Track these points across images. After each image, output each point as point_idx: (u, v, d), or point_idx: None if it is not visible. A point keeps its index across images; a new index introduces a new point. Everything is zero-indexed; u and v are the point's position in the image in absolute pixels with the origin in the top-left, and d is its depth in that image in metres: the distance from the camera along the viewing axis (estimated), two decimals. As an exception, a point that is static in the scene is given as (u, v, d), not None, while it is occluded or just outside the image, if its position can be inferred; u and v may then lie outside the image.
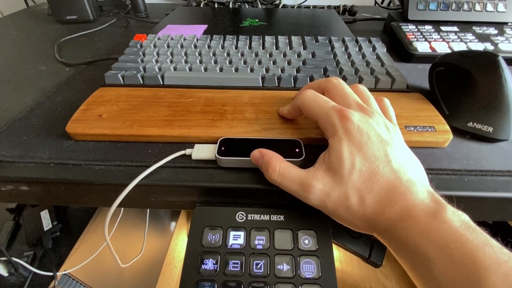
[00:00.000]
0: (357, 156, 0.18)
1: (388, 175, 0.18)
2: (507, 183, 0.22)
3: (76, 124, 0.25)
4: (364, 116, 0.19)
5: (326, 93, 0.23)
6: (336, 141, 0.19)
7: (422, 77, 0.34)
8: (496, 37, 0.41)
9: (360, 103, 0.21)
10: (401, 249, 0.17)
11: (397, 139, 0.19)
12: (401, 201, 0.17)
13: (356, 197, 0.18)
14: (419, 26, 0.44)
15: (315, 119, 0.21)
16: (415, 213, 0.16)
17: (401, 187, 0.17)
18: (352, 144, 0.18)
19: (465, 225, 0.15)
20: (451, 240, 0.15)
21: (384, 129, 0.19)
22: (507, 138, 0.25)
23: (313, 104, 0.21)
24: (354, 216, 0.18)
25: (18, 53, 0.44)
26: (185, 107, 0.27)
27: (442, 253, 0.15)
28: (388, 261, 0.86)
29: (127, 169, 0.23)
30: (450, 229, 0.15)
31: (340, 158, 0.18)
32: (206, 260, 0.20)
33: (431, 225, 0.15)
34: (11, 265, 0.39)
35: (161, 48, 0.36)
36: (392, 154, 0.18)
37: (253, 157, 0.22)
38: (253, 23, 0.50)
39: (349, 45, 0.37)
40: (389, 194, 0.17)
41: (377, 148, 0.18)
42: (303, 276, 0.19)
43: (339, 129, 0.19)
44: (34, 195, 0.24)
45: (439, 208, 0.16)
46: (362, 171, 0.18)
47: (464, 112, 0.26)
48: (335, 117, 0.19)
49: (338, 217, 0.19)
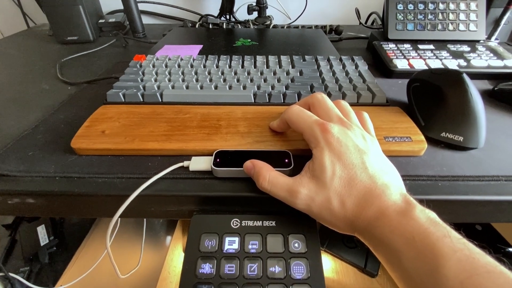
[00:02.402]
0: (337, 164, 0.20)
1: (365, 180, 0.20)
2: (477, 187, 0.24)
3: (81, 140, 0.27)
4: (343, 128, 0.22)
5: (311, 108, 0.25)
6: (319, 151, 0.21)
7: (401, 91, 0.37)
8: (468, 54, 0.44)
9: (341, 117, 0.23)
10: (378, 246, 0.19)
11: (374, 149, 0.22)
12: (376, 203, 0.19)
13: (337, 201, 0.20)
14: (399, 44, 0.47)
15: (300, 131, 0.23)
16: (388, 213, 0.18)
17: (377, 190, 0.19)
18: (333, 153, 0.20)
19: (430, 221, 0.17)
20: (416, 234, 0.17)
21: (361, 140, 0.22)
22: (477, 146, 0.27)
23: (298, 118, 0.24)
24: (336, 218, 0.20)
25: (21, 72, 0.46)
26: (182, 123, 0.29)
27: (409, 246, 0.17)
28: (383, 270, 0.86)
29: (128, 181, 0.24)
30: (416, 224, 0.17)
31: (322, 166, 0.20)
32: (203, 264, 0.21)
33: (402, 223, 0.17)
34: (7, 281, 0.39)
35: (159, 68, 0.39)
36: (368, 161, 0.20)
37: (246, 167, 0.24)
38: (246, 43, 0.53)
39: (334, 63, 0.40)
40: (366, 196, 0.19)
41: (355, 156, 0.20)
42: (293, 277, 0.20)
43: (321, 140, 0.21)
44: (40, 208, 0.25)
45: (409, 207, 0.18)
46: (342, 177, 0.20)
47: (438, 123, 0.29)
48: (317, 130, 0.22)
49: (322, 220, 0.21)
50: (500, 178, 0.25)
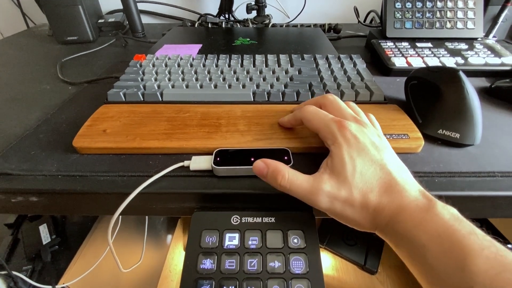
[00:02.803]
0: (357, 160, 0.20)
1: (385, 176, 0.20)
2: (473, 183, 0.25)
3: (82, 139, 0.27)
4: (359, 126, 0.22)
5: (323, 108, 0.26)
6: (337, 147, 0.21)
7: (399, 89, 0.38)
8: (466, 52, 0.45)
9: (355, 116, 0.24)
10: (400, 241, 0.19)
11: (388, 147, 0.22)
12: (398, 198, 0.19)
13: (360, 197, 0.20)
14: (397, 43, 0.48)
15: (316, 130, 0.24)
16: (411, 208, 0.18)
17: (397, 186, 0.19)
18: (351, 150, 0.21)
19: (454, 217, 0.18)
20: (442, 230, 0.17)
21: (377, 138, 0.22)
22: (473, 143, 0.28)
23: (314, 116, 0.24)
24: (359, 215, 0.20)
25: (21, 73, 0.46)
26: (183, 121, 0.30)
27: (434, 242, 0.17)
28: (383, 267, 0.87)
29: (130, 179, 0.25)
30: (441, 221, 0.17)
31: (342, 162, 0.21)
32: (204, 260, 0.21)
33: (425, 218, 0.18)
34: (10, 279, 0.40)
35: (159, 67, 0.39)
36: (386, 158, 0.21)
37: (257, 167, 0.22)
38: (245, 42, 0.53)
39: (332, 62, 0.40)
40: (388, 192, 0.19)
41: (373, 153, 0.21)
42: (293, 271, 0.21)
43: (338, 137, 0.21)
44: (43, 206, 0.25)
45: (431, 203, 0.18)
46: (363, 173, 0.20)
47: (435, 121, 0.29)
48: (334, 127, 0.22)
49: (345, 218, 0.21)
50: (496, 174, 0.25)
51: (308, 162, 0.26)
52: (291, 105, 0.32)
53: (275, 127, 0.29)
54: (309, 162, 0.26)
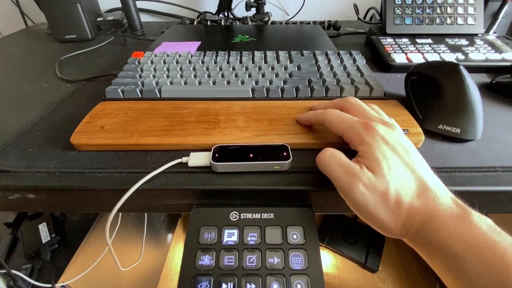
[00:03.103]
0: (390, 160, 0.20)
1: (417, 181, 0.19)
2: (474, 178, 0.24)
3: (80, 136, 0.27)
4: (387, 128, 0.22)
5: (344, 111, 0.25)
6: (366, 146, 0.21)
7: (399, 85, 0.37)
8: (466, 48, 0.44)
9: (380, 118, 0.23)
10: (433, 251, 0.18)
11: (414, 148, 0.21)
12: (432, 205, 0.18)
13: (395, 196, 0.19)
14: (397, 39, 0.47)
15: (341, 133, 0.23)
16: (445, 217, 0.18)
17: (430, 192, 0.19)
18: (383, 150, 0.20)
19: (491, 228, 0.17)
20: (481, 241, 0.16)
21: (405, 140, 0.22)
22: (474, 138, 0.27)
23: (339, 120, 0.23)
24: (390, 217, 0.19)
25: (20, 71, 0.46)
26: (181, 118, 0.29)
27: (473, 253, 0.16)
28: (384, 266, 0.87)
29: (128, 175, 0.25)
30: (478, 231, 0.17)
31: (377, 159, 0.20)
32: (202, 256, 0.21)
33: (461, 228, 0.17)
34: (10, 278, 0.40)
35: (157, 64, 0.39)
36: (416, 162, 0.20)
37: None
38: (244, 39, 0.53)
39: (332, 58, 0.40)
40: (421, 198, 0.19)
41: (403, 155, 0.20)
42: (292, 267, 0.21)
43: (366, 137, 0.21)
44: (40, 203, 0.25)
45: (466, 212, 0.18)
46: (397, 174, 0.19)
47: (435, 116, 0.29)
48: (361, 129, 0.21)
49: (374, 217, 0.20)
50: (496, 169, 0.25)
51: (307, 158, 0.26)
52: (291, 101, 0.32)
53: (274, 123, 0.29)
54: (308, 158, 0.26)
